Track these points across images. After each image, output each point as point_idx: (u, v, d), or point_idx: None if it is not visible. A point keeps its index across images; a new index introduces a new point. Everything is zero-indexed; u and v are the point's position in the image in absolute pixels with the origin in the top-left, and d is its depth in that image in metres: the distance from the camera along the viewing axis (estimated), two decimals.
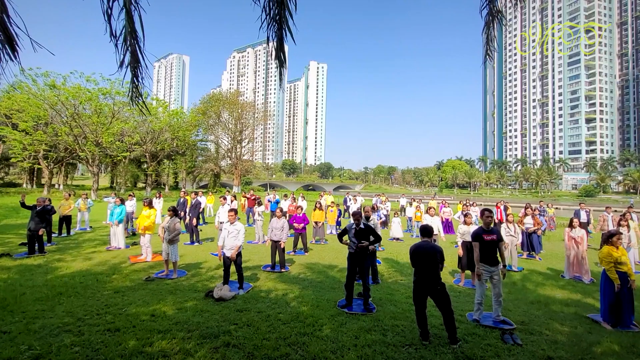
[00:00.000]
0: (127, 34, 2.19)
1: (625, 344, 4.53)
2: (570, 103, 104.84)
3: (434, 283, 4.37)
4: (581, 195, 73.97)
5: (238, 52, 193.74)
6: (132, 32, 2.21)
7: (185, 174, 51.20)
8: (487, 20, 2.78)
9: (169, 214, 7.48)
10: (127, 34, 2.19)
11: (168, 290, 6.18)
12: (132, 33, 2.21)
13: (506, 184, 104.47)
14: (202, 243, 11.24)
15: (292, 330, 4.48)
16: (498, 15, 2.74)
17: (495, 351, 4.15)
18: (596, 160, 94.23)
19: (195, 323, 4.60)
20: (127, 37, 2.20)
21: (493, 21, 2.74)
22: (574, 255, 8.26)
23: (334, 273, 8.14)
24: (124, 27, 2.17)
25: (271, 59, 2.58)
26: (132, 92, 2.45)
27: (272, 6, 2.40)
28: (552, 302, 6.49)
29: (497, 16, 2.76)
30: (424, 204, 15.74)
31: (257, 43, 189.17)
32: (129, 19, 2.17)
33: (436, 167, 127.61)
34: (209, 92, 56.68)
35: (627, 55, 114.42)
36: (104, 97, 33.39)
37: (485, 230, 5.33)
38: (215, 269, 7.96)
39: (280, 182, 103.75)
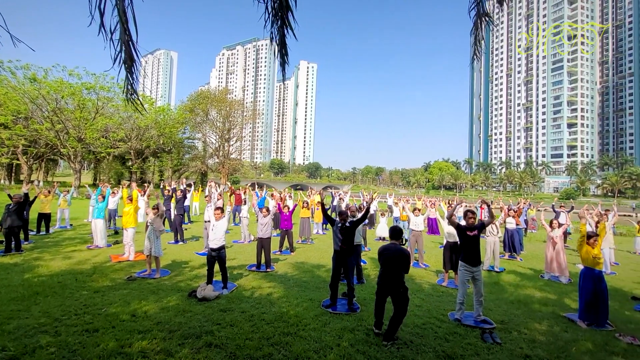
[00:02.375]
0: (121, 31, 2.15)
1: (599, 342, 4.69)
2: (553, 108, 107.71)
3: (396, 285, 4.41)
4: (562, 198, 76.15)
5: (227, 49, 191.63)
6: (126, 27, 2.17)
7: (171, 172, 50.38)
8: (475, 21, 2.83)
9: (153, 212, 7.36)
10: (121, 30, 2.15)
11: (150, 289, 6.07)
12: (126, 30, 2.18)
13: (491, 186, 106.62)
14: (187, 242, 11.08)
15: (275, 330, 4.46)
16: (486, 17, 2.79)
17: (475, 350, 4.24)
18: (577, 164, 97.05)
19: (177, 323, 4.54)
20: (121, 34, 2.16)
21: (481, 22, 2.79)
22: (552, 255, 8.51)
23: (320, 273, 8.15)
24: (117, 23, 2.13)
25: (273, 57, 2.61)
26: (127, 90, 2.41)
27: (274, 3, 2.41)
28: (531, 301, 6.67)
29: (484, 17, 2.81)
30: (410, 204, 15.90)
31: (246, 41, 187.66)
32: (123, 15, 2.13)
33: (423, 168, 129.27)
34: (197, 90, 55.88)
35: (608, 62, 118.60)
36: (88, 92, 32.54)
37: (469, 227, 5.47)
38: (199, 268, 7.87)
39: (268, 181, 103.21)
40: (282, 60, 2.62)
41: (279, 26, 2.48)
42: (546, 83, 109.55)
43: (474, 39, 2.77)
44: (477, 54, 2.79)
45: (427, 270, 9.03)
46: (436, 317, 5.33)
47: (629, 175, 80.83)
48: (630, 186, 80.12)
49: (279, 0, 2.38)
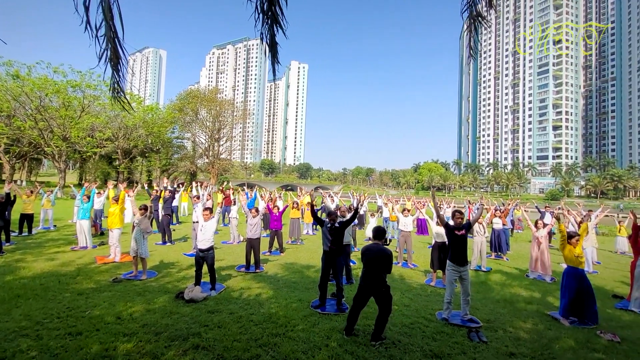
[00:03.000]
0: (106, 28, 2.11)
1: (581, 339, 4.81)
2: (539, 111, 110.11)
3: (379, 285, 4.42)
4: (547, 198, 77.90)
5: (218, 48, 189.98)
6: (112, 24, 2.13)
7: (159, 172, 49.63)
8: (469, 23, 2.86)
9: (140, 213, 7.23)
10: (106, 27, 2.11)
11: (136, 291, 5.97)
12: (111, 27, 2.13)
13: (479, 187, 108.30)
14: (175, 243, 10.93)
15: (263, 331, 4.44)
16: (478, 18, 2.83)
17: (462, 349, 4.29)
18: (561, 165, 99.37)
19: (164, 325, 4.47)
20: (107, 30, 2.12)
21: (474, 24, 2.82)
22: (537, 255, 8.69)
23: (310, 273, 8.14)
24: (102, 20, 2.09)
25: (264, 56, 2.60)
26: (114, 88, 2.36)
27: (263, 2, 2.39)
28: (516, 300, 6.79)
29: (477, 19, 2.84)
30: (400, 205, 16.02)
31: (237, 40, 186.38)
32: (108, 12, 2.09)
33: (413, 169, 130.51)
34: (187, 89, 55.26)
35: (591, 67, 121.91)
36: (74, 90, 31.83)
37: (456, 227, 5.55)
38: (187, 269, 7.77)
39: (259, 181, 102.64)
40: (273, 59, 2.61)
41: (269, 25, 2.46)
42: (532, 86, 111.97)
43: (468, 40, 2.80)
44: (471, 54, 2.83)
45: (416, 270, 9.11)
46: (424, 316, 5.39)
47: (610, 176, 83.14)
48: (612, 187, 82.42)
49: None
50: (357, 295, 4.54)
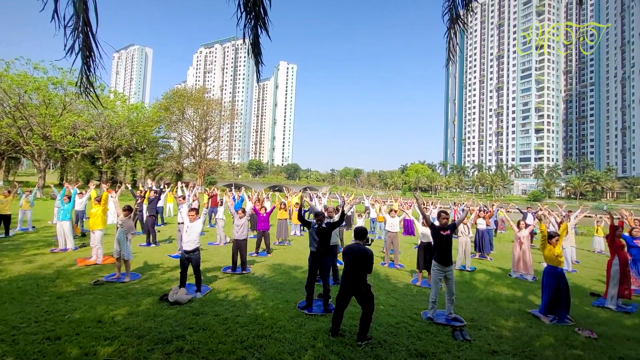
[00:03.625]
0: (77, 18, 2.04)
1: (560, 336, 4.95)
2: (522, 114, 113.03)
3: (359, 284, 4.46)
4: (530, 199, 79.94)
5: (205, 47, 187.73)
6: (84, 16, 2.06)
7: (144, 172, 48.68)
8: (449, 25, 2.91)
9: (124, 213, 7.08)
10: (77, 17, 2.03)
11: (118, 294, 5.83)
12: (84, 18, 2.07)
13: (464, 188, 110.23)
14: (159, 245, 10.74)
15: (249, 333, 4.41)
16: (459, 21, 2.88)
17: (446, 347, 4.36)
18: (543, 167, 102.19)
19: (147, 328, 4.38)
20: (77, 21, 2.04)
21: (454, 26, 2.87)
22: (519, 254, 8.91)
23: (297, 274, 8.12)
24: (74, 10, 2.02)
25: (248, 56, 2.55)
26: (82, 82, 2.26)
27: (248, 2, 2.36)
28: (499, 299, 6.94)
29: (457, 21, 2.89)
30: (387, 205, 16.18)
31: (225, 39, 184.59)
32: (81, 4, 2.02)
33: (400, 170, 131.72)
34: (173, 87, 54.41)
35: (572, 72, 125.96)
36: (55, 87, 30.95)
37: (442, 227, 5.64)
38: (172, 271, 7.63)
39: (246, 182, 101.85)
40: (256, 60, 2.59)
41: (252, 26, 2.45)
42: (516, 90, 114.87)
43: (448, 43, 2.85)
44: (451, 57, 2.88)
45: (402, 270, 9.21)
46: (410, 316, 5.45)
47: (589, 178, 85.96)
48: (591, 189, 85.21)
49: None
50: (339, 295, 4.57)
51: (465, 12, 2.65)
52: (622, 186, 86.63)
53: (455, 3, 2.61)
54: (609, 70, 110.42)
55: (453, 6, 2.63)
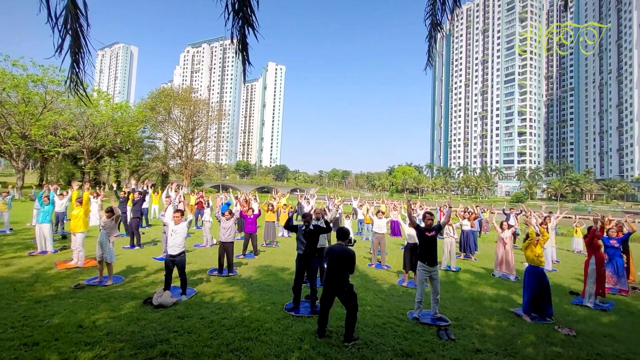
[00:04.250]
0: (68, 15, 2.00)
1: (541, 334, 5.09)
2: (505, 117, 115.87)
3: (341, 285, 4.49)
4: (513, 201, 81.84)
5: (193, 46, 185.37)
6: (74, 13, 2.02)
7: (129, 173, 47.62)
8: (430, 30, 2.97)
9: (106, 215, 6.90)
10: (68, 14, 1.99)
11: (100, 298, 5.69)
12: (75, 14, 2.03)
13: (450, 190, 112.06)
14: (144, 247, 10.52)
15: (235, 335, 4.36)
16: (439, 27, 2.94)
17: (432, 347, 4.42)
18: (526, 169, 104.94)
19: (130, 332, 4.29)
20: (67, 18, 2.00)
21: (435, 31, 2.93)
22: (502, 255, 9.11)
23: (284, 275, 8.09)
24: (65, 7, 1.98)
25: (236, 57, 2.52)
26: (71, 80, 2.21)
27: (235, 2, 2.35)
28: (483, 298, 7.08)
29: (438, 27, 2.95)
30: (374, 207, 16.30)
31: (213, 39, 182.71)
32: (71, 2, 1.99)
33: (388, 172, 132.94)
34: (159, 87, 53.54)
35: (552, 77, 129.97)
36: (35, 85, 29.98)
37: (427, 228, 5.72)
38: (156, 273, 7.49)
39: (234, 183, 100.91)
40: (244, 60, 2.57)
41: (240, 26, 2.43)
42: (500, 94, 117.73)
43: (428, 47, 2.92)
44: (430, 61, 2.95)
45: (389, 271, 9.28)
46: (396, 316, 5.50)
47: (569, 180, 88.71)
48: (571, 191, 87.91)
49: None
50: (322, 296, 4.60)
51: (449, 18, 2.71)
52: (600, 188, 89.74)
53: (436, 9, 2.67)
54: (588, 76, 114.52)
55: (434, 12, 2.69)
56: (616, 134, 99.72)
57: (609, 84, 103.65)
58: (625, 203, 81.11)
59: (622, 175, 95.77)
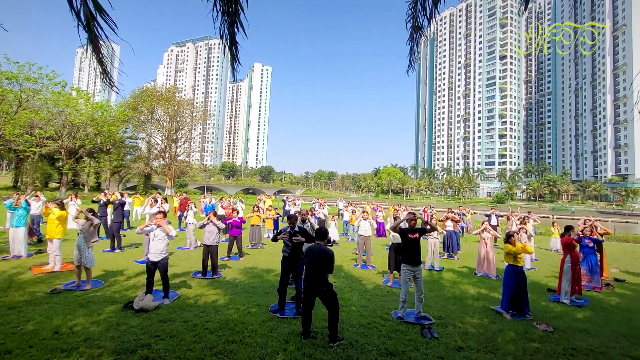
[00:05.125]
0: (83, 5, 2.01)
1: (521, 331, 5.24)
2: (487, 120, 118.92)
3: (320, 284, 4.53)
4: (494, 201, 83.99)
5: (177, 45, 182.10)
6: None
7: (109, 174, 46.26)
8: (411, 33, 3.02)
9: (85, 218, 6.68)
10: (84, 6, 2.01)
11: (78, 303, 5.50)
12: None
13: (434, 191, 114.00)
14: (125, 250, 10.25)
15: (219, 338, 4.30)
16: (420, 30, 2.99)
17: (415, 345, 4.48)
18: (506, 171, 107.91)
19: (109, 338, 4.16)
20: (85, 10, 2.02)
21: (416, 34, 2.98)
22: (484, 254, 9.33)
23: (269, 277, 8.04)
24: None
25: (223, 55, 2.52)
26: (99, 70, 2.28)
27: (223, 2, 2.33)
28: (465, 297, 7.23)
29: (419, 31, 3.00)
30: (359, 208, 16.41)
31: (198, 38, 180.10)
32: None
33: (373, 173, 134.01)
34: (142, 86, 52.30)
35: (531, 82, 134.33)
36: (9, 82, 28.73)
37: (410, 230, 5.80)
38: (137, 277, 7.31)
39: (219, 185, 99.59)
40: (233, 59, 2.55)
41: (228, 24, 2.41)
42: (481, 97, 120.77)
43: (410, 50, 2.97)
44: (412, 63, 3.00)
45: (374, 271, 9.36)
46: (380, 316, 5.55)
47: (547, 181, 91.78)
48: (549, 191, 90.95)
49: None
50: (304, 297, 4.61)
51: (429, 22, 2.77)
52: (576, 189, 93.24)
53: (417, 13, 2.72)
54: (564, 81, 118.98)
55: (415, 16, 2.75)
56: (591, 137, 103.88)
57: (583, 89, 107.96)
58: (599, 203, 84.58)
59: (596, 176, 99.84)
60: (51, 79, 32.51)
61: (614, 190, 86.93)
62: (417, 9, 2.72)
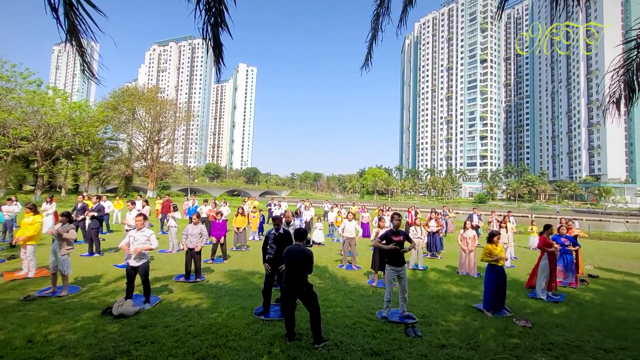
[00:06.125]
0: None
1: (501, 327, 5.37)
2: (469, 122, 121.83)
3: (299, 285, 4.53)
4: (476, 202, 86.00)
5: (159, 45, 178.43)
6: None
7: (88, 176, 44.77)
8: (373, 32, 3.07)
9: (62, 220, 6.43)
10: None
11: (53, 310, 5.29)
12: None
13: (418, 192, 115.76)
14: (104, 254, 9.94)
15: (202, 343, 4.23)
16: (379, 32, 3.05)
17: (399, 344, 4.53)
18: (487, 171, 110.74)
19: (86, 345, 4.02)
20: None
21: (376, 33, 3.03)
22: (466, 254, 9.53)
23: (254, 279, 7.97)
24: None
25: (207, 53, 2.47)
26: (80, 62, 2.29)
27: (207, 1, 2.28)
28: (448, 295, 7.35)
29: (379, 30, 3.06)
30: (345, 209, 16.49)
31: (181, 38, 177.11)
32: None
33: (359, 174, 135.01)
34: (122, 86, 50.84)
35: (510, 85, 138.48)
36: None
37: (394, 232, 5.85)
38: (117, 281, 7.10)
39: (203, 187, 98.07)
40: (217, 60, 2.49)
41: (212, 25, 2.36)
42: (463, 100, 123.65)
43: (368, 48, 3.03)
44: (369, 62, 3.06)
45: (359, 271, 9.41)
46: (365, 316, 5.58)
47: (526, 182, 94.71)
48: (527, 191, 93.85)
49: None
50: (284, 298, 4.59)
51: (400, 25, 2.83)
52: (553, 189, 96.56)
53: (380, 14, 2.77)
54: (541, 84, 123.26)
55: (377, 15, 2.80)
56: (566, 139, 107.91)
57: (559, 92, 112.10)
58: (574, 202, 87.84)
59: (572, 176, 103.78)
60: (25, 77, 31.31)
61: (588, 190, 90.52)
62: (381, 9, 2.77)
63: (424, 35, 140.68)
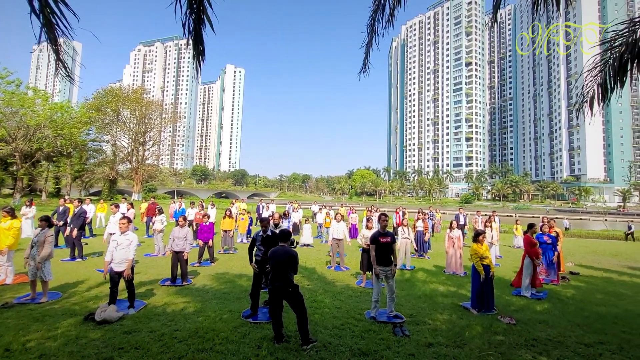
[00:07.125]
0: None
1: (486, 325, 5.46)
2: (454, 123, 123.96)
3: (285, 286, 4.52)
4: (462, 202, 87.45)
5: (145, 45, 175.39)
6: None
7: (70, 179, 43.52)
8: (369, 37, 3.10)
9: (41, 225, 6.22)
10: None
11: (33, 317, 5.12)
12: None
13: (406, 192, 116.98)
14: (87, 259, 9.68)
15: (188, 347, 4.16)
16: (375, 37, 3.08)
17: (387, 344, 4.55)
18: (473, 172, 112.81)
19: (67, 353, 3.90)
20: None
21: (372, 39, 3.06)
22: (452, 253, 9.68)
23: (242, 282, 7.89)
24: None
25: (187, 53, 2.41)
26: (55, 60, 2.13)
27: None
28: (435, 294, 7.45)
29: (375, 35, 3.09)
30: (333, 210, 16.52)
31: (167, 38, 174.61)
32: None
33: (347, 175, 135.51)
34: (106, 86, 49.72)
35: (494, 87, 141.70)
36: None
37: (382, 233, 5.88)
38: (100, 287, 6.92)
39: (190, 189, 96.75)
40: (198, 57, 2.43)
41: (194, 20, 2.31)
42: (449, 102, 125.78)
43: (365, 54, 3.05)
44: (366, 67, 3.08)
45: (348, 272, 9.43)
46: (354, 316, 5.60)
47: (510, 182, 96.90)
48: (511, 191, 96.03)
49: None
50: (270, 300, 4.56)
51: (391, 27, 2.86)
52: (536, 189, 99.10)
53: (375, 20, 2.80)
54: (524, 87, 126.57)
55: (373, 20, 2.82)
56: (548, 140, 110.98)
57: (541, 94, 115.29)
58: (556, 202, 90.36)
59: (554, 177, 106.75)
60: (3, 77, 30.31)
61: (569, 190, 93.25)
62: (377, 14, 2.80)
63: (411, 38, 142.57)
